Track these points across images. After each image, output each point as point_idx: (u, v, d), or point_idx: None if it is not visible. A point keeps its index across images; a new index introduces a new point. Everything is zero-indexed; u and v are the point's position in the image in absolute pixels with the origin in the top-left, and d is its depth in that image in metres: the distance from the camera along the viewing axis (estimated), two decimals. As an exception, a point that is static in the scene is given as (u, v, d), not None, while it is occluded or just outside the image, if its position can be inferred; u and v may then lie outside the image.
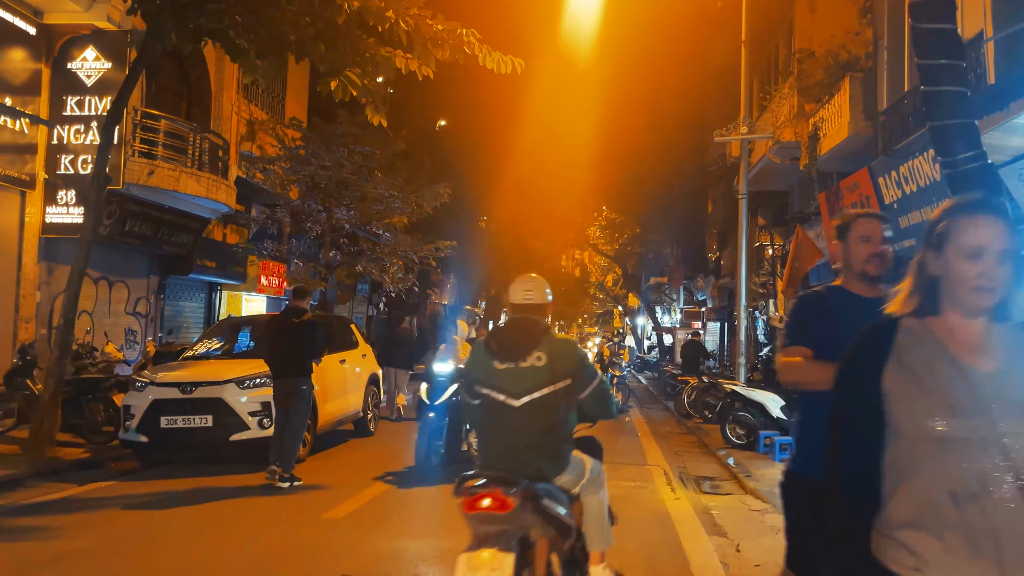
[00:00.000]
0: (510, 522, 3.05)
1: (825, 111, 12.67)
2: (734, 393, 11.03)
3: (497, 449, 3.40)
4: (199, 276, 16.02)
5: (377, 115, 10.42)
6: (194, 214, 14.39)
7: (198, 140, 13.63)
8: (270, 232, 18.31)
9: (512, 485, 3.05)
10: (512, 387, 3.34)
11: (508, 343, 3.46)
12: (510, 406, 3.34)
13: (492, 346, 3.48)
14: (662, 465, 9.55)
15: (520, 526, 3.08)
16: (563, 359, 3.39)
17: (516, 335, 3.48)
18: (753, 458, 9.92)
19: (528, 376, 3.34)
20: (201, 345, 10.01)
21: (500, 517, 3.03)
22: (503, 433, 3.39)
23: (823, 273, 15.47)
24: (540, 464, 3.32)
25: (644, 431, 13.35)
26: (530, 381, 3.33)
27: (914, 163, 9.92)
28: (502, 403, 3.36)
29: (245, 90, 16.41)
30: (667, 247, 34.46)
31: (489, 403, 3.41)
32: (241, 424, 8.19)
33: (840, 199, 12.95)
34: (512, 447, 3.34)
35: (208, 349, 9.88)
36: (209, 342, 10.10)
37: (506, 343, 3.47)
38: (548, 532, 3.22)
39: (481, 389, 3.45)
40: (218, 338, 10.26)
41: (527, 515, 3.09)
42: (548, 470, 3.35)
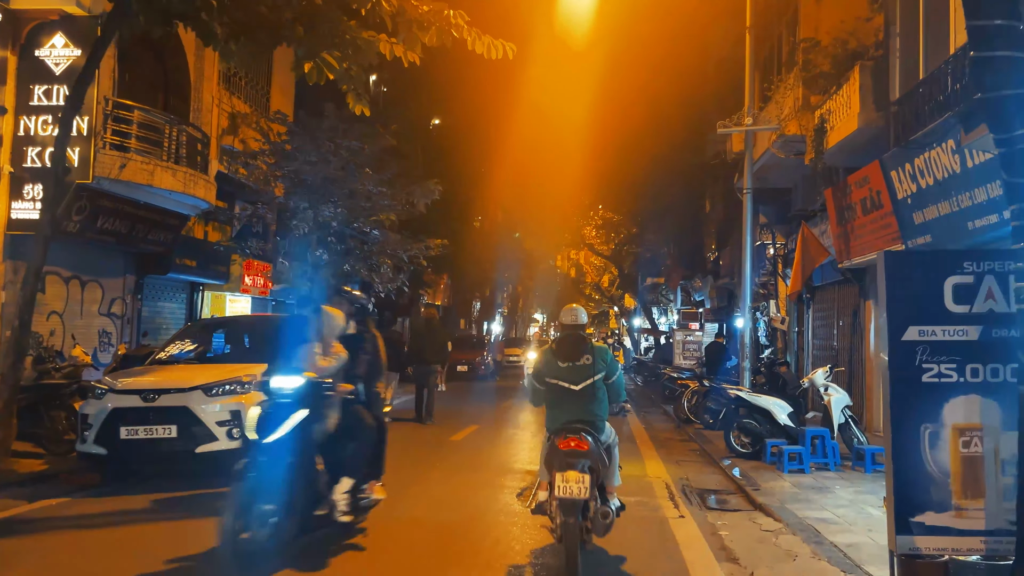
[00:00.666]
0: (586, 456, 5.03)
1: (832, 102, 12.08)
2: (738, 399, 10.43)
3: (567, 416, 5.30)
4: (178, 276, 15.36)
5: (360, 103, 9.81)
6: (172, 210, 13.73)
7: (174, 132, 12.98)
8: (255, 230, 17.69)
9: (587, 435, 5.14)
10: (573, 378, 5.34)
11: (567, 350, 5.43)
12: (572, 390, 5.33)
13: (557, 352, 5.46)
14: (663, 477, 8.94)
15: (590, 458, 5.05)
16: (601, 359, 5.43)
17: (572, 344, 5.45)
18: (760, 468, 9.33)
19: (582, 371, 5.34)
20: (171, 348, 9.35)
21: (580, 452, 5.03)
22: (570, 407, 5.33)
23: (828, 271, 14.91)
24: (596, 425, 5.30)
25: (642, 437, 12.74)
26: (584, 374, 5.34)
27: (931, 155, 9.33)
28: (566, 388, 5.35)
29: (227, 82, 15.77)
30: (664, 247, 33.88)
31: (557, 388, 5.38)
32: (208, 435, 7.56)
33: (848, 195, 12.37)
34: (577, 415, 5.29)
35: (178, 352, 9.23)
36: (180, 344, 9.44)
37: (566, 350, 5.44)
38: (597, 465, 5.14)
39: (550, 380, 5.41)
40: (190, 340, 9.60)
41: (593, 452, 5.10)
42: (597, 430, 5.31)
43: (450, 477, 8.55)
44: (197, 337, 9.80)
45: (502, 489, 7.86)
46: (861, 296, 13.48)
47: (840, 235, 12.98)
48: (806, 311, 16.92)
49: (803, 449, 9.22)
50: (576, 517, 4.90)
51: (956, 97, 8.81)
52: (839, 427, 9.96)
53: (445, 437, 11.73)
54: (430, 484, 8.14)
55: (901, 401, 4.36)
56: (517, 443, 11.65)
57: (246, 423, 7.49)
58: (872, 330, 12.99)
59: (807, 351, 16.81)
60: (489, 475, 8.67)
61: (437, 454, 10.23)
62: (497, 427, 13.39)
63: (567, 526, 4.90)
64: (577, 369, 5.34)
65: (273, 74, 17.57)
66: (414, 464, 9.33)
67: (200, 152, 13.82)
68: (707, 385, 13.79)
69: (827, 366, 10.49)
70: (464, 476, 8.58)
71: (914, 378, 4.35)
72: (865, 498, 7.61)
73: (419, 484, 8.12)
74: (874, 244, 11.66)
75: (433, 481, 8.31)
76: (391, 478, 8.09)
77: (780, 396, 10.56)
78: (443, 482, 8.25)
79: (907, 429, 4.33)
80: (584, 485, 4.90)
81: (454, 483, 8.20)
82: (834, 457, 9.37)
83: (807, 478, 8.70)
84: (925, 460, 4.33)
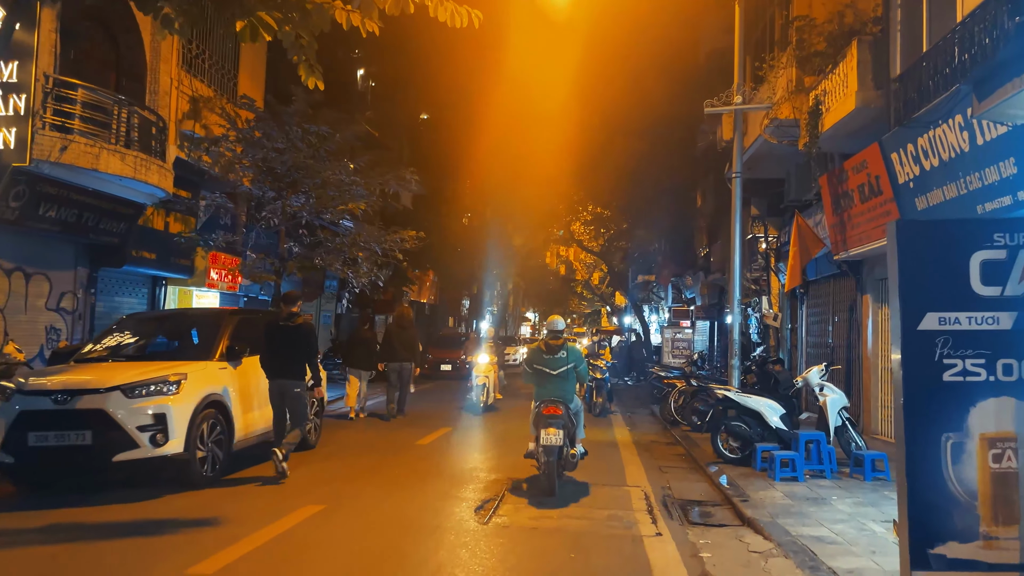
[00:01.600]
0: (560, 418, 7.46)
1: (828, 82, 11.29)
2: (726, 399, 9.62)
3: (548, 393, 7.73)
4: (136, 269, 14.47)
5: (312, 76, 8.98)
6: (125, 198, 12.84)
7: (124, 114, 12.09)
8: (223, 222, 16.81)
9: (561, 405, 7.60)
10: (552, 366, 7.82)
11: (551, 347, 7.91)
12: (552, 374, 7.79)
13: (543, 348, 7.96)
14: (643, 486, 8.12)
15: (563, 420, 7.48)
16: (571, 353, 7.95)
17: (553, 344, 7.92)
18: (749, 476, 8.52)
19: (558, 361, 7.84)
20: (102, 343, 8.48)
21: (557, 416, 7.47)
22: (550, 387, 7.77)
23: (823, 264, 14.12)
24: (566, 399, 7.74)
25: (625, 440, 11.94)
26: (560, 363, 7.83)
27: (936, 133, 8.54)
28: (548, 372, 7.81)
29: (189, 64, 14.87)
30: (655, 243, 33.13)
31: (541, 373, 7.84)
32: (128, 441, 6.70)
33: (844, 182, 11.58)
34: (554, 392, 7.72)
35: (110, 348, 8.36)
36: (113, 339, 8.57)
37: (550, 347, 7.92)
38: (568, 425, 7.60)
39: (537, 366, 7.87)
40: (126, 335, 8.73)
41: (564, 417, 7.54)
42: (568, 401, 7.76)
43: (405, 487, 7.72)
44: (135, 332, 8.94)
45: (460, 502, 7.04)
46: (858, 290, 12.70)
47: (836, 225, 12.20)
48: (800, 307, 16.14)
49: (796, 455, 8.41)
50: (554, 457, 7.41)
51: (965, 68, 8.01)
52: (835, 430, 9.17)
53: (412, 440, 10.88)
54: (379, 495, 7.30)
55: (917, 406, 3.55)
56: (487, 448, 10.82)
57: (173, 427, 6.71)
58: (870, 326, 12.21)
59: (801, 348, 16.03)
60: (448, 485, 7.83)
61: (397, 460, 9.39)
62: (470, 430, 12.56)
63: (548, 463, 7.39)
64: (555, 360, 7.93)
65: (241, 57, 16.69)
66: (369, 471, 8.49)
67: (154, 136, 12.93)
68: (695, 385, 12.99)
69: (822, 364, 9.68)
70: (421, 486, 7.75)
71: (933, 377, 3.55)
72: (866, 511, 6.81)
73: (366, 495, 7.28)
74: (872, 234, 10.88)
75: (384, 492, 7.47)
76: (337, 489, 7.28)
77: (772, 397, 9.76)
78: (395, 493, 7.41)
79: (924, 440, 3.52)
80: (559, 437, 7.44)
81: (407, 494, 7.37)
82: (830, 463, 8.57)
83: (801, 487, 7.90)
84: (947, 478, 3.53)
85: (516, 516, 6.52)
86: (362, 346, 13.99)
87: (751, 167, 16.40)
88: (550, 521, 6.37)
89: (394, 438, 11.25)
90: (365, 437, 11.34)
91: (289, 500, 6.81)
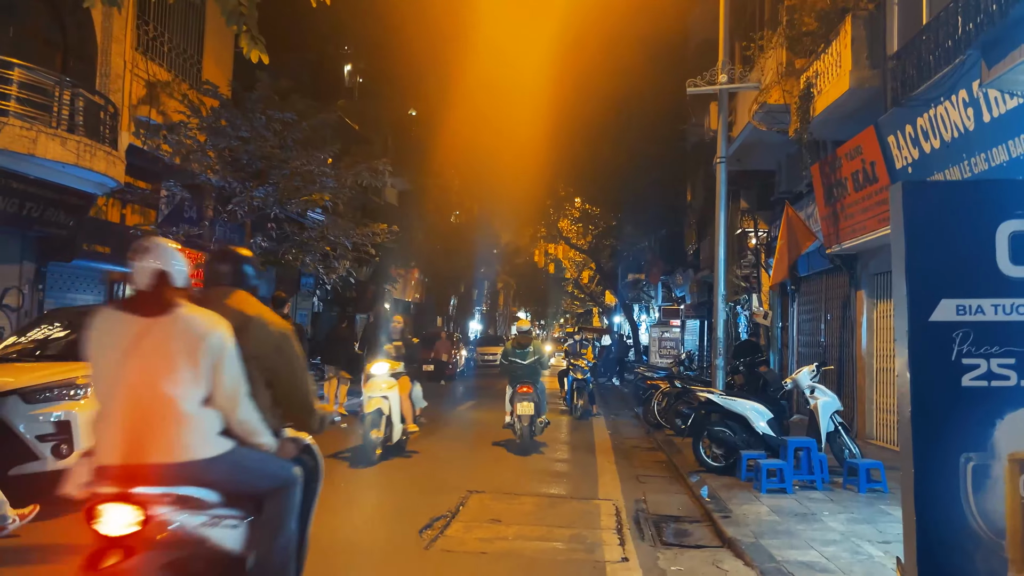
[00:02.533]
0: (530, 395, 10.24)
1: (820, 63, 10.55)
2: (709, 403, 8.86)
3: (520, 378, 10.50)
4: (88, 263, 13.62)
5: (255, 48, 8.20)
6: (73, 188, 12.01)
7: (67, 96, 11.27)
8: (187, 215, 15.99)
9: (530, 385, 10.36)
10: (522, 358, 10.69)
11: (520, 344, 10.85)
12: (522, 364, 10.66)
13: (515, 345, 10.88)
14: (615, 499, 7.35)
15: (534, 397, 10.25)
16: (537, 349, 10.91)
17: (523, 341, 10.89)
18: (733, 487, 7.77)
19: (527, 354, 10.72)
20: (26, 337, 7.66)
21: (528, 393, 10.25)
22: (520, 373, 10.58)
23: (815, 259, 13.38)
24: (534, 382, 10.48)
25: (604, 445, 11.19)
26: (528, 356, 10.70)
27: (938, 111, 7.80)
28: (520, 363, 10.67)
29: (146, 46, 14.04)
30: (644, 240, 32.41)
31: (514, 363, 10.70)
32: (26, 452, 5.90)
33: (837, 169, 10.85)
34: (525, 377, 10.53)
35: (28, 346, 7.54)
36: (32, 335, 7.75)
37: (520, 343, 10.85)
38: (536, 400, 10.29)
39: (511, 359, 10.74)
40: (49, 331, 7.91)
41: (535, 393, 10.30)
42: (535, 384, 10.46)
43: (355, 500, 6.94)
44: (64, 327, 8.11)
45: (415, 515, 6.25)
46: (852, 285, 11.97)
47: (828, 216, 11.46)
48: (791, 304, 15.41)
49: (784, 464, 7.66)
50: (528, 424, 10.14)
51: (970, 38, 7.28)
52: (827, 436, 8.44)
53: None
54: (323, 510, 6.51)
55: (928, 418, 2.80)
56: (457, 452, 10.03)
57: (80, 437, 5.94)
58: (864, 324, 11.48)
59: (792, 348, 15.30)
60: (404, 497, 7.06)
61: (350, 470, 8.60)
62: (443, 433, 11.77)
63: (524, 428, 10.13)
64: (524, 353, 10.72)
65: (206, 42, 15.87)
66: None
67: (104, 121, 12.10)
68: (679, 386, 12.23)
69: (813, 364, 8.94)
70: (373, 498, 6.97)
71: (949, 382, 2.79)
72: (861, 530, 6.06)
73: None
74: (868, 224, 10.15)
75: (328, 507, 6.69)
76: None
77: (760, 399, 9.01)
78: (342, 508, 6.64)
79: (938, 461, 2.77)
80: (531, 408, 10.15)
81: (346, 511, 6.59)
82: (821, 473, 7.82)
83: (789, 500, 7.15)
84: (966, 510, 2.77)
85: (465, 537, 5.75)
86: (340, 344, 13.78)
87: (740, 158, 15.68)
88: (502, 544, 5.60)
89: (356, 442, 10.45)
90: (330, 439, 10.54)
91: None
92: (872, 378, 11.29)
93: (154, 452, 2.59)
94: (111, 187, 12.61)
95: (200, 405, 2.69)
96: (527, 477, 8.42)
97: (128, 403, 2.63)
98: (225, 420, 2.77)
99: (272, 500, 2.92)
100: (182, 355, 2.66)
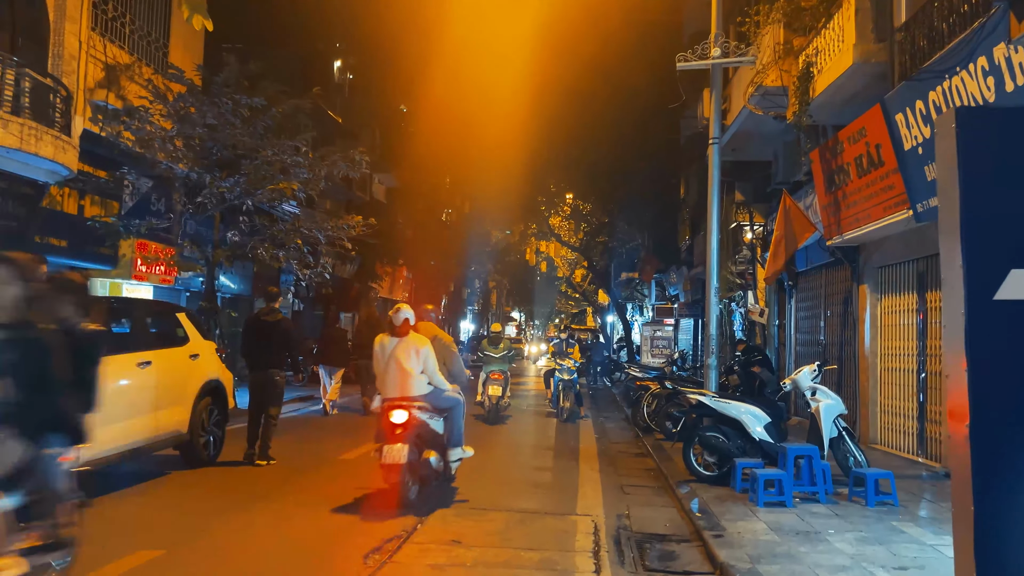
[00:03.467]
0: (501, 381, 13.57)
1: (821, 39, 9.80)
2: (700, 406, 8.09)
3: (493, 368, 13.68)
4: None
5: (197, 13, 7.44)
6: (21, 176, 11.20)
7: (11, 76, 10.45)
8: (154, 207, 15.17)
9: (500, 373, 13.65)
10: (496, 353, 13.96)
11: (495, 340, 14.33)
12: (495, 356, 13.91)
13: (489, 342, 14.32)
14: (595, 514, 6.57)
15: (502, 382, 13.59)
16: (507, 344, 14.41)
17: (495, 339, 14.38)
18: (727, 499, 7.01)
19: (501, 349, 14.08)
20: None
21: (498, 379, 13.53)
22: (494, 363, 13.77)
23: (814, 252, 12.64)
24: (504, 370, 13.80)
25: (589, 451, 10.42)
26: (502, 351, 14.04)
27: (953, 83, 7.04)
28: (493, 356, 13.90)
29: (105, 26, 13.20)
30: (637, 237, 31.66)
31: (489, 355, 13.94)
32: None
33: (839, 154, 10.10)
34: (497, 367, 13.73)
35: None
36: None
37: (494, 340, 14.36)
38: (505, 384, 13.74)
39: (487, 352, 14.02)
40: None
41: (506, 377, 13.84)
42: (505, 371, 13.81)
43: (296, 515, 6.15)
44: None
45: (356, 540, 5.47)
46: (854, 280, 11.23)
47: (829, 206, 10.72)
48: (788, 301, 14.66)
49: (784, 474, 6.90)
50: (495, 403, 13.07)
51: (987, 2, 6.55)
52: (830, 442, 7.67)
53: (337, 453, 9.30)
54: (254, 530, 5.74)
55: (994, 428, 2.02)
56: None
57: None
58: (867, 320, 10.74)
59: (789, 347, 14.56)
60: (353, 514, 6.27)
61: (306, 479, 7.82)
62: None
63: (492, 406, 13.05)
64: (498, 348, 13.89)
65: (173, 23, 15.04)
66: (264, 494, 6.90)
67: (54, 104, 11.28)
68: (669, 387, 11.47)
69: (814, 363, 8.17)
70: (317, 516, 6.18)
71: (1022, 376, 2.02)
72: (873, 553, 5.29)
73: (234, 531, 5.71)
74: (872, 213, 9.41)
75: (266, 524, 5.91)
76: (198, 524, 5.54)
77: (757, 402, 8.24)
78: (279, 525, 5.85)
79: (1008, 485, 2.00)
80: (499, 391, 13.23)
81: (294, 526, 5.81)
82: (825, 484, 7.06)
83: (789, 515, 6.39)
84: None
85: (418, 560, 4.97)
86: (335, 343, 14.50)
87: (735, 147, 14.95)
88: (457, 572, 4.82)
89: (318, 449, 9.68)
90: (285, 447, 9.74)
91: (116, 544, 5.22)
92: (876, 378, 10.54)
93: (405, 391, 6.48)
94: (64, 175, 11.78)
95: (419, 373, 6.56)
96: (500, 488, 7.65)
97: (394, 372, 6.53)
98: (429, 379, 6.64)
99: (451, 411, 6.88)
100: (412, 353, 6.54)
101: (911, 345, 9.65)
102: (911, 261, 9.66)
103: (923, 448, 9.26)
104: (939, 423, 8.78)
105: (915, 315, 9.54)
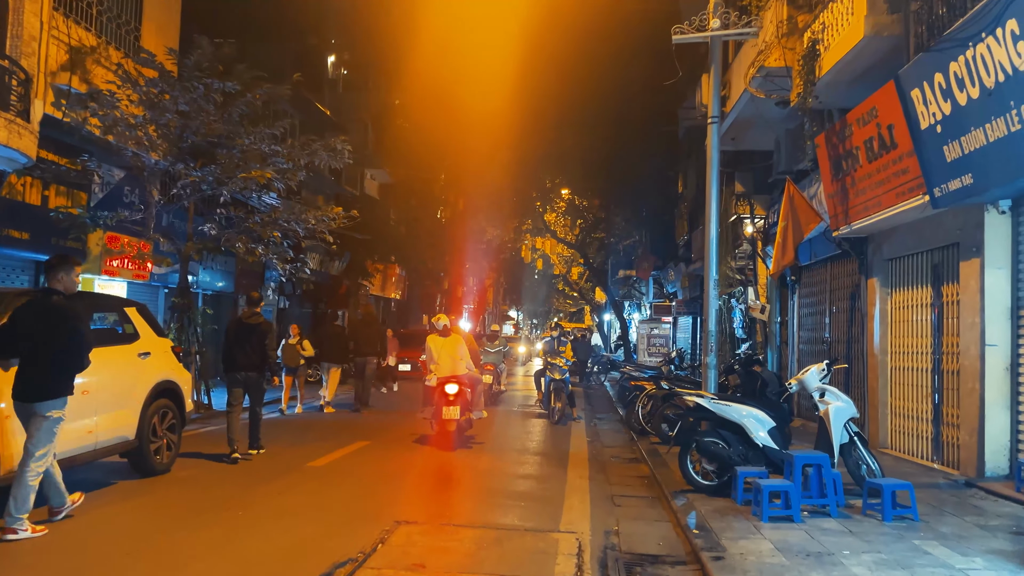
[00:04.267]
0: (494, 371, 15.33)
1: (828, 14, 9.11)
2: (699, 408, 7.40)
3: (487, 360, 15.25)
4: (2, 250, 12.10)
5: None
6: (-25, 163, 10.52)
7: (-40, 55, 9.76)
8: (127, 199, 14.48)
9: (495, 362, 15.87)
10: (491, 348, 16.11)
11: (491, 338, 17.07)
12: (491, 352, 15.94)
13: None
14: (580, 530, 5.88)
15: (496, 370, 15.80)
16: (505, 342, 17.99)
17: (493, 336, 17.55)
18: (727, 512, 6.32)
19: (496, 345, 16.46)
20: None
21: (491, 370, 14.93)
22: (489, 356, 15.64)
23: (819, 245, 11.95)
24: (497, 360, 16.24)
25: (579, 456, 9.73)
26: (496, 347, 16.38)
27: (978, 51, 6.36)
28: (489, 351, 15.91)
29: (68, 6, 12.49)
30: (634, 234, 30.99)
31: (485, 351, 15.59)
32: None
33: (847, 138, 9.42)
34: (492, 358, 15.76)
35: None
36: None
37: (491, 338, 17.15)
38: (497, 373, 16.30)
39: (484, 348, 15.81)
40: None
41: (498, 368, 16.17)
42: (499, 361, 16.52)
43: (249, 534, 5.47)
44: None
45: (307, 562, 4.78)
46: (862, 273, 10.54)
47: (836, 194, 10.04)
48: (790, 297, 13.97)
49: (790, 485, 6.20)
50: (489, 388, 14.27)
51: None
52: (841, 448, 6.99)
53: (303, 461, 8.59)
54: (196, 551, 5.04)
55: None
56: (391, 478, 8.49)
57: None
58: (877, 316, 10.04)
59: (792, 345, 13.87)
60: (310, 532, 5.58)
61: (266, 490, 7.12)
62: (391, 445, 10.28)
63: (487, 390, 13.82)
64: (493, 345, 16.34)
65: (145, 6, 14.31)
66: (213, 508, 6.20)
67: (10, 86, 10.58)
68: (666, 388, 10.78)
69: (823, 363, 7.47)
70: (260, 534, 5.49)
71: None
72: (895, 579, 4.61)
73: (165, 553, 5.02)
74: (883, 200, 8.73)
75: (208, 542, 5.21)
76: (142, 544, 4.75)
77: (759, 404, 7.55)
78: (225, 546, 5.16)
79: None
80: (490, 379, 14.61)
81: (241, 546, 5.12)
82: (836, 495, 6.37)
83: (797, 532, 5.69)
84: None
85: (371, 592, 4.29)
86: (333, 340, 14.58)
87: (734, 136, 14.28)
88: (413, 606, 4.14)
89: (290, 455, 8.97)
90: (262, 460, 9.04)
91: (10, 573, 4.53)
92: (887, 378, 9.86)
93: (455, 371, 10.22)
94: (22, 163, 11.07)
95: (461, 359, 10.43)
96: (477, 499, 6.97)
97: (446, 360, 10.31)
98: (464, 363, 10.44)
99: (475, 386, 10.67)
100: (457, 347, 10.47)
101: (925, 343, 8.96)
102: (925, 252, 8.98)
103: (938, 453, 8.58)
104: (957, 427, 8.09)
105: (929, 310, 8.86)
